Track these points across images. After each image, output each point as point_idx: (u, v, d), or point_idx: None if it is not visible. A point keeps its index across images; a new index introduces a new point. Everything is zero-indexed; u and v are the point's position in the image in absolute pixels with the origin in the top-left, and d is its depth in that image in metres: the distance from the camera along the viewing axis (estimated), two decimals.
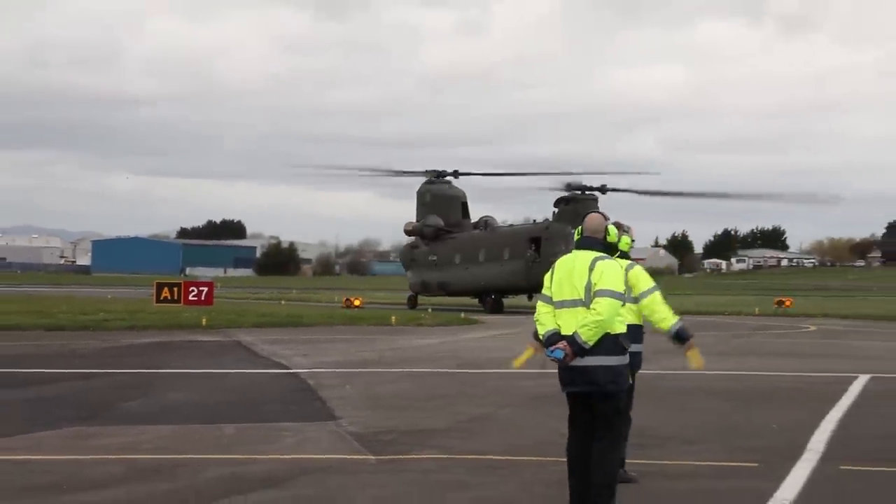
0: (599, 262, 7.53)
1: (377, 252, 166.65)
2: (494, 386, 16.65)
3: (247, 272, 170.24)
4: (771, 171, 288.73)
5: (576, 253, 7.72)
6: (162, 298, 41.35)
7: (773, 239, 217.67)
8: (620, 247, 8.59)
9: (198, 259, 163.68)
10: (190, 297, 41.22)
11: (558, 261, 7.78)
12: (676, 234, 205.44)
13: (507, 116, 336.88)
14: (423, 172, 55.93)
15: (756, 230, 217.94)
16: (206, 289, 42.28)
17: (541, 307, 7.74)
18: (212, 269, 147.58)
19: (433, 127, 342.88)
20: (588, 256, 7.60)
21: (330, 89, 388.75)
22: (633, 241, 9.14)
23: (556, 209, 50.57)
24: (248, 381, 17.55)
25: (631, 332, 7.95)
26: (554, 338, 7.49)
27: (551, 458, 9.53)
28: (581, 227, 7.87)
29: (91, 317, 31.99)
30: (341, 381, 16.73)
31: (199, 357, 21.39)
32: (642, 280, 8.79)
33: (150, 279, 60.32)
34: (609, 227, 8.07)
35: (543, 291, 7.76)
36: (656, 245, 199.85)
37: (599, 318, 7.31)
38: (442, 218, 54.93)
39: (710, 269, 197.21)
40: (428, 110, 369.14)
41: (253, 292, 72.82)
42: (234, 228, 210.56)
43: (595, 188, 50.68)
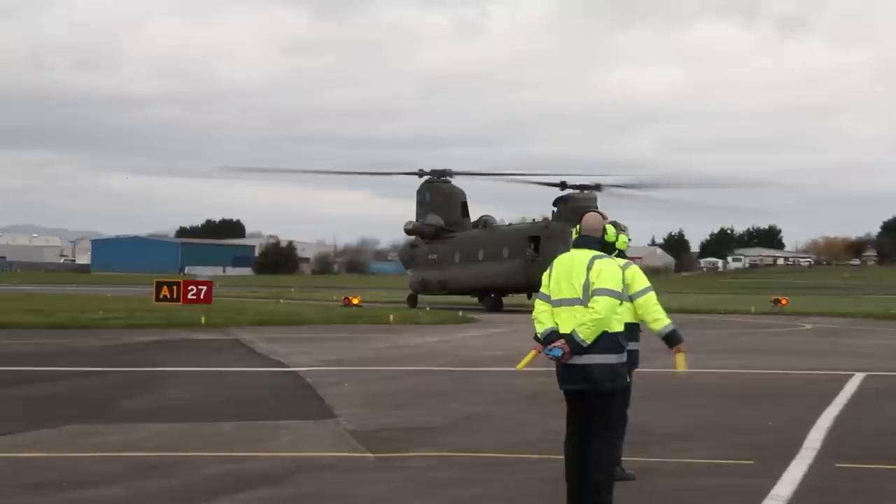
0: (597, 261, 7.56)
1: (376, 251, 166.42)
2: (492, 384, 16.69)
3: (246, 271, 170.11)
4: (767, 171, 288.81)
5: (574, 252, 7.74)
6: (161, 297, 41.38)
7: (768, 238, 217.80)
8: (618, 246, 8.64)
9: (197, 258, 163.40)
10: (189, 296, 41.27)
11: (556, 259, 7.80)
12: (673, 234, 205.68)
13: (504, 117, 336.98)
14: (417, 173, 55.73)
15: (752, 229, 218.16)
16: (205, 287, 42.28)
17: (539, 306, 7.77)
18: (211, 267, 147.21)
19: (431, 127, 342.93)
20: (586, 255, 7.63)
21: (328, 89, 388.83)
22: (630, 240, 9.18)
23: (555, 208, 50.56)
24: (247, 379, 17.60)
25: (628, 331, 7.98)
26: (552, 336, 7.52)
27: (549, 455, 9.56)
28: (579, 226, 7.91)
29: (91, 315, 32.04)
30: (340, 380, 16.75)
31: (198, 355, 21.41)
32: (638, 279, 8.83)
33: (149, 278, 60.30)
34: (607, 227, 8.12)
35: (542, 290, 7.79)
36: (653, 244, 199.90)
37: (597, 316, 7.35)
38: (442, 217, 54.89)
39: (707, 267, 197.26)
40: (425, 111, 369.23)
41: (252, 291, 72.81)
42: (233, 228, 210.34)
43: (591, 186, 50.64)
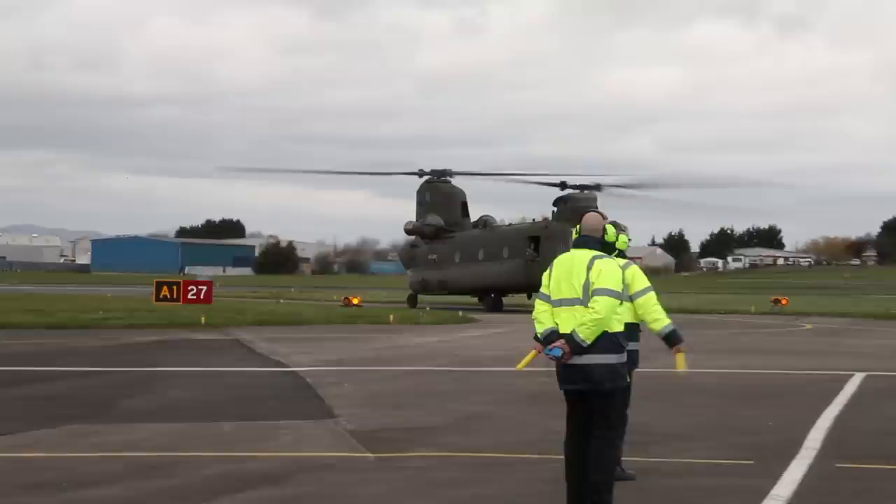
0: (598, 261, 7.56)
1: (376, 251, 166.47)
2: (492, 384, 16.69)
3: (246, 271, 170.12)
4: (767, 171, 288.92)
5: (574, 252, 7.74)
6: (161, 297, 41.39)
7: (768, 238, 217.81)
8: (618, 246, 8.64)
9: (197, 258, 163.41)
10: (189, 296, 41.27)
11: (556, 259, 7.80)
12: (673, 234, 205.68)
13: (504, 117, 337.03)
14: (417, 173, 55.72)
15: (752, 229, 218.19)
16: (205, 287, 42.29)
17: (539, 305, 7.77)
18: (211, 267, 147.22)
19: (431, 127, 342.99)
20: (586, 255, 7.62)
21: (328, 89, 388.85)
22: (630, 240, 9.18)
23: (555, 208, 50.56)
24: (247, 379, 17.61)
25: (628, 331, 7.98)
26: (552, 336, 7.52)
27: (549, 455, 9.56)
28: (579, 226, 7.91)
29: (91, 315, 32.04)
30: (340, 380, 16.75)
31: (198, 355, 21.41)
32: (638, 279, 8.83)
33: (149, 278, 60.30)
34: (607, 227, 8.12)
35: (542, 290, 7.78)
36: (653, 244, 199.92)
37: (597, 316, 7.34)
38: (442, 217, 54.88)
39: (707, 267, 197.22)
40: (425, 111, 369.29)
41: (252, 291, 72.81)
42: (232, 228, 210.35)
43: (591, 186, 50.63)
